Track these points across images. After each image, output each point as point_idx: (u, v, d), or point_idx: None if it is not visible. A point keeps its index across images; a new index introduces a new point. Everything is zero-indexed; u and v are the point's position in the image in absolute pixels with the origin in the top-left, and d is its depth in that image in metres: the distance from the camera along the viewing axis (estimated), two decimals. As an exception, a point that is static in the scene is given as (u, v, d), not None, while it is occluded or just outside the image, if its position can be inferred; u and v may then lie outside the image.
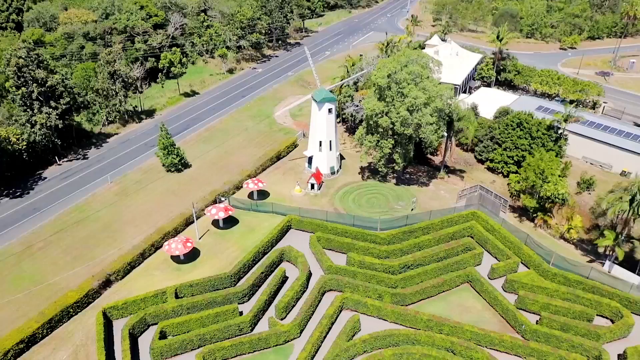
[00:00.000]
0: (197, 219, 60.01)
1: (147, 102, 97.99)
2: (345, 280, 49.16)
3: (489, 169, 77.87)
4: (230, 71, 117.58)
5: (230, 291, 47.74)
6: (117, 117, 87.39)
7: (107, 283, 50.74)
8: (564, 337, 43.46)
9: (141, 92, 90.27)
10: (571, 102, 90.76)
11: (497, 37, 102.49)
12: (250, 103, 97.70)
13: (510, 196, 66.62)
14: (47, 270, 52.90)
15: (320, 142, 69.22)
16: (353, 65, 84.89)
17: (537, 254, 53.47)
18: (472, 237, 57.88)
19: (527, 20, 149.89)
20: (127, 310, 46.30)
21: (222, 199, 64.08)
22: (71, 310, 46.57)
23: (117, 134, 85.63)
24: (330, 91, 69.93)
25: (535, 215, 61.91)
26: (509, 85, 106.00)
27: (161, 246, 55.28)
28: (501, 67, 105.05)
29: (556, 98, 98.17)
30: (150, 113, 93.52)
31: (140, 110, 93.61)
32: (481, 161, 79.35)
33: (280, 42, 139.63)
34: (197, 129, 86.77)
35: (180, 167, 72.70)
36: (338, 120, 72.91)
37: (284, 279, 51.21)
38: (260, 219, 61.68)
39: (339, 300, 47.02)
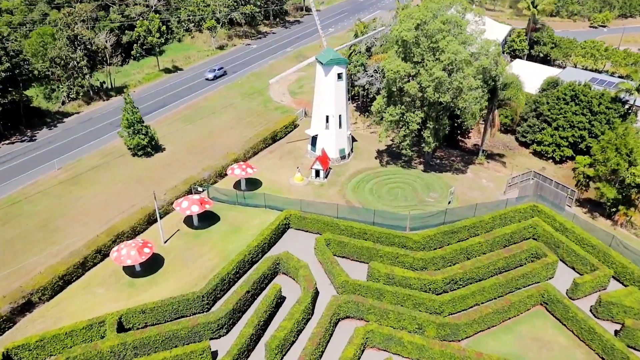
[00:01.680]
0: (161, 216, 44.82)
1: (120, 78, 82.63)
2: (369, 303, 33.86)
3: (535, 153, 62.66)
4: (221, 48, 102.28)
5: (200, 320, 32.41)
6: (81, 93, 72.08)
7: (26, 306, 35.51)
8: None
9: (110, 65, 75.00)
10: (621, 78, 75.67)
11: (532, 3, 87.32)
12: (241, 79, 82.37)
13: (575, 185, 51.30)
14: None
15: (328, 117, 53.97)
16: (365, 28, 69.53)
17: (634, 262, 38.32)
18: (535, 239, 42.69)
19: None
20: (44, 352, 31.03)
21: (200, 189, 48.85)
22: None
23: (78, 112, 70.23)
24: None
25: (614, 209, 46.57)
26: (543, 60, 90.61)
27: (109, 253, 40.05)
28: (534, 40, 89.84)
29: (603, 74, 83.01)
30: (121, 90, 78.01)
31: (110, 87, 78.25)
32: (525, 144, 64.19)
33: (278, 19, 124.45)
34: (176, 106, 71.44)
35: (149, 150, 57.46)
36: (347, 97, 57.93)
37: (280, 300, 35.96)
38: (249, 215, 46.52)
39: (360, 334, 31.68)
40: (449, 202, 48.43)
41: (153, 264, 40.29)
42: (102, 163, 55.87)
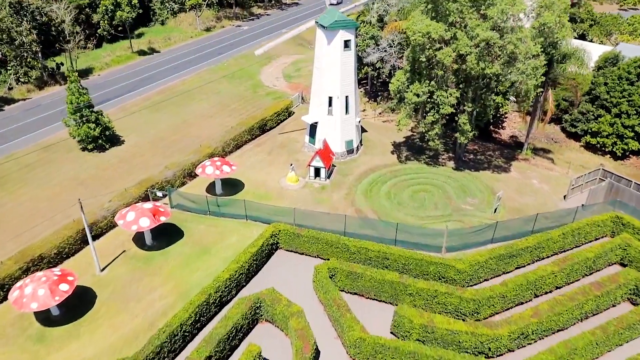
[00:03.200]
0: (103, 232, 32.45)
1: (87, 61, 69.94)
2: (399, 378, 21.40)
3: (588, 146, 50.31)
4: (208, 30, 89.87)
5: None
6: (33, 76, 59.51)
7: None
8: None
9: (68, 42, 62.29)
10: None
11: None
12: (228, 61, 69.78)
13: (662, 188, 38.69)
14: None
15: (331, 99, 41.43)
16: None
17: None
18: (624, 265, 30.14)
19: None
20: None
21: (159, 193, 36.29)
22: None
23: (25, 99, 57.61)
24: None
25: None
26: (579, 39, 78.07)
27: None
28: (569, 16, 77.03)
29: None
30: (84, 73, 65.54)
31: (73, 69, 65.56)
32: (574, 136, 51.75)
33: (273, 0, 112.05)
34: (146, 91, 58.85)
35: (103, 142, 45.00)
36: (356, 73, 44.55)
37: (259, 368, 23.42)
38: (223, 229, 34.04)
39: None
40: (495, 211, 35.87)
41: (79, 303, 27.82)
42: (39, 160, 43.30)
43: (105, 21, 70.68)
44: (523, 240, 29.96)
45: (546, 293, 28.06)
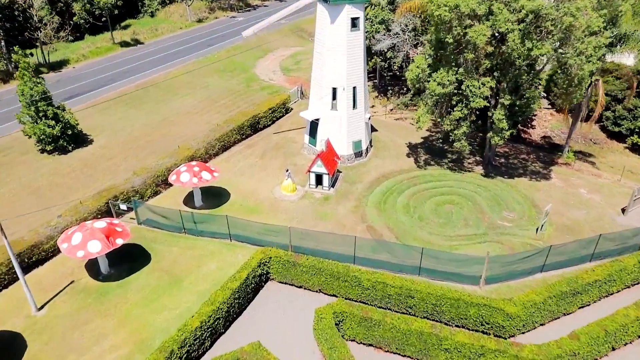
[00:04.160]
0: (46, 258, 25.47)
1: (64, 53, 62.92)
2: None
3: (634, 148, 43.17)
4: (200, 21, 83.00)
5: None
6: (-3, 68, 52.70)
7: None
8: None
9: (38, 29, 55.24)
10: None
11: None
12: (219, 52, 62.79)
13: None
14: None
15: (335, 90, 34.37)
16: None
17: None
18: None
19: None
20: None
21: (122, 207, 29.23)
22: None
23: (-14, 93, 50.77)
24: None
25: None
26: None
27: None
28: None
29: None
30: (57, 66, 58.60)
31: (44, 62, 58.63)
32: (617, 136, 44.62)
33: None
34: (123, 84, 51.79)
35: (65, 143, 37.99)
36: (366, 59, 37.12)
37: None
38: (200, 253, 26.96)
39: None
40: (540, 229, 28.78)
41: (4, 355, 20.81)
42: (-14, 163, 36.38)
43: (83, 8, 63.54)
44: (589, 272, 22.90)
45: (625, 344, 21.00)
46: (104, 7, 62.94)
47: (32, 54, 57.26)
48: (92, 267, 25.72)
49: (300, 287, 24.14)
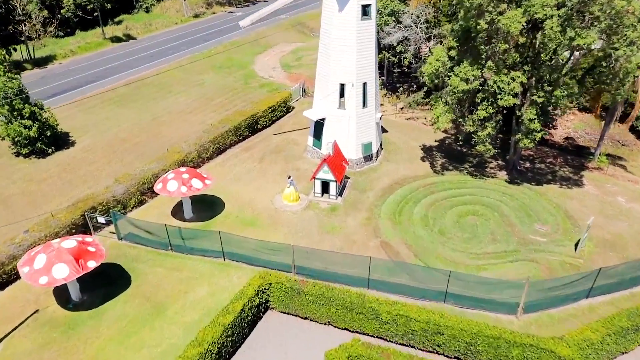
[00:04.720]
0: (8, 281, 21.72)
1: (53, 49, 59.08)
2: None
3: (667, 151, 39.48)
4: (197, 16, 79.36)
5: None
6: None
7: None
8: None
9: (23, 21, 51.47)
10: None
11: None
12: (216, 48, 59.03)
13: None
14: None
15: (343, 87, 30.60)
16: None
17: None
18: None
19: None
20: None
21: (101, 220, 25.49)
22: None
23: (-37, 91, 46.86)
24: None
25: None
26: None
27: None
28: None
29: None
30: (43, 62, 54.80)
31: (31, 57, 54.89)
32: (648, 137, 40.97)
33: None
34: (112, 81, 48.08)
35: (45, 146, 34.25)
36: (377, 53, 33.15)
37: None
38: (189, 275, 23.18)
39: None
40: (579, 245, 25.03)
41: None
42: (-47, 168, 32.62)
43: (72, 1, 59.74)
44: (651, 301, 19.18)
45: (702, 393, 17.28)
46: (95, 0, 59.08)
47: (15, 49, 53.58)
48: (61, 293, 21.95)
49: (305, 318, 20.41)
